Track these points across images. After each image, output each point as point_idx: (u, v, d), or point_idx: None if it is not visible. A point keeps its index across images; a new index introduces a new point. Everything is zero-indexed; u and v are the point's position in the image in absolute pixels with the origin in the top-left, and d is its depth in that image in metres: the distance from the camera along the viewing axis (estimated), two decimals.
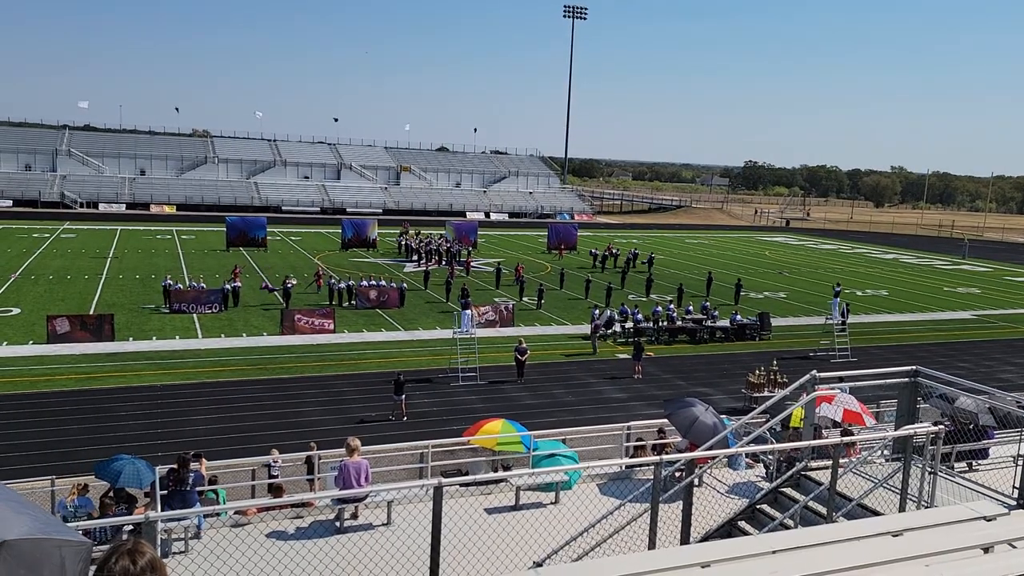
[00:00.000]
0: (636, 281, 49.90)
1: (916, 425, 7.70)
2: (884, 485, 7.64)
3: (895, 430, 8.36)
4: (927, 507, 7.35)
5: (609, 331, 35.63)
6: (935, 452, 7.53)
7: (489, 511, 10.58)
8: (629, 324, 35.59)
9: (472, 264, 54.82)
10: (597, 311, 36.55)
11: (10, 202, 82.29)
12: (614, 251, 59.94)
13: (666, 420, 14.64)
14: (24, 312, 35.36)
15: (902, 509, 7.26)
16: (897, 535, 4.88)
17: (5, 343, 30.26)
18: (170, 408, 24.00)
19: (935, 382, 8.58)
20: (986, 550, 4.62)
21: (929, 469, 7.50)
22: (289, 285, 39.59)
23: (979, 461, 10.13)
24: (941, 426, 7.64)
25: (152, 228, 71.57)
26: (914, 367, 8.66)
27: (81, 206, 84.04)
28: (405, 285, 42.64)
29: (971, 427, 9.49)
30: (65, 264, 49.07)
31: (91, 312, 34.99)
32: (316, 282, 43.62)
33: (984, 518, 5.24)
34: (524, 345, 28.77)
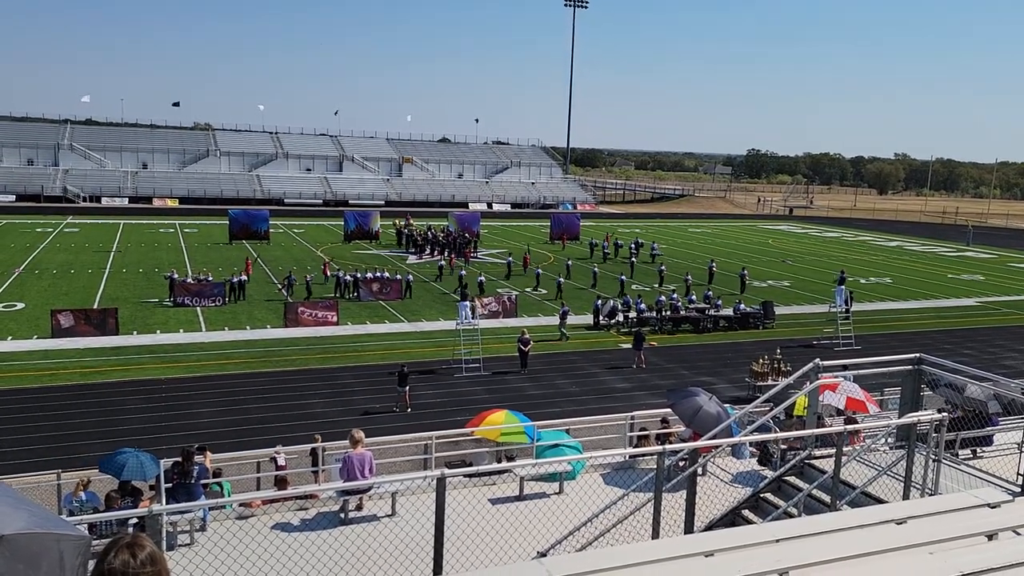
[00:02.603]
0: (641, 271, 49.86)
1: (920, 412, 7.68)
2: (888, 473, 7.63)
3: (899, 418, 8.35)
4: (931, 495, 7.34)
5: (612, 321, 35.64)
6: (939, 440, 7.51)
7: (493, 501, 10.59)
8: (633, 314, 35.58)
9: (472, 255, 54.81)
10: (600, 301, 36.64)
11: (13, 197, 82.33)
12: (617, 242, 59.80)
13: (669, 409, 14.63)
14: (28, 307, 35.45)
15: (906, 497, 7.25)
16: (901, 523, 4.87)
17: (10, 337, 30.34)
18: (174, 401, 24.07)
19: (939, 370, 8.56)
20: (990, 537, 4.61)
21: (933, 457, 7.48)
22: (308, 279, 39.97)
23: (983, 448, 10.12)
24: (944, 414, 7.62)
25: (155, 222, 71.63)
26: (917, 355, 8.63)
27: (84, 200, 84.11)
28: (411, 277, 42.65)
29: (980, 415, 9.45)
30: (69, 258, 49.16)
31: (95, 306, 35.07)
32: (323, 271, 44.02)
33: (988, 505, 5.22)
34: (527, 336, 28.79)
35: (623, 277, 44.84)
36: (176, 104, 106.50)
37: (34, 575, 2.51)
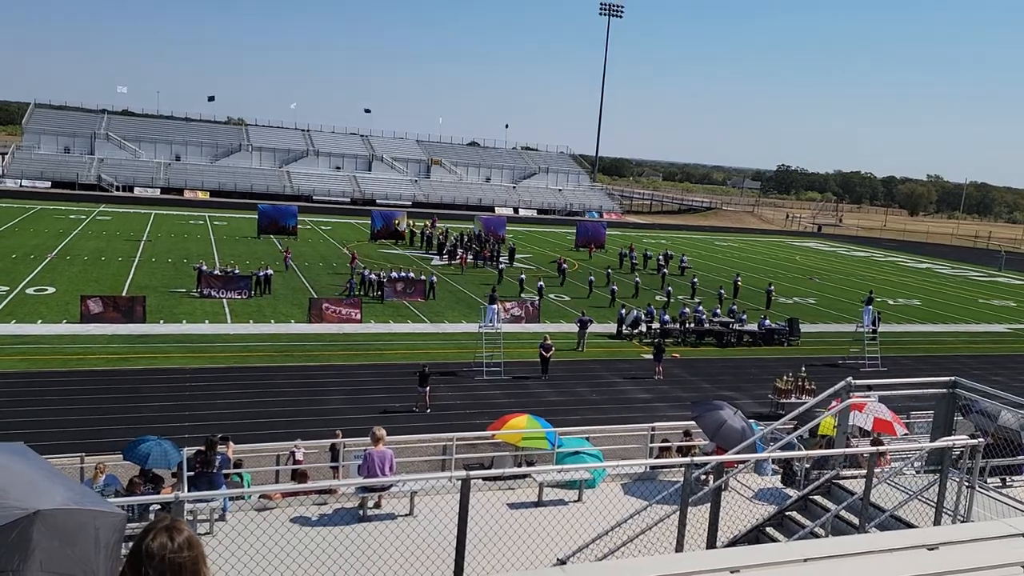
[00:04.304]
0: (671, 283, 49.54)
1: (955, 437, 7.53)
2: (919, 498, 7.49)
3: (931, 442, 8.19)
4: (963, 521, 7.19)
5: (635, 331, 35.45)
6: (973, 466, 7.36)
7: (511, 506, 10.55)
8: (656, 325, 35.37)
9: (497, 260, 54.94)
10: (624, 310, 36.48)
11: (49, 183, 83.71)
12: (647, 252, 59.57)
13: (692, 422, 14.50)
14: (59, 291, 35.98)
15: (937, 522, 7.10)
16: (933, 549, 4.75)
17: (40, 321, 30.82)
18: (198, 391, 24.29)
19: (974, 394, 8.38)
20: None
21: (966, 483, 7.32)
22: (380, 275, 40.86)
23: (1013, 477, 9.90)
24: (981, 439, 7.46)
25: (185, 213, 72.47)
26: (952, 378, 8.47)
27: (117, 189, 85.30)
28: (435, 278, 42.78)
29: (1011, 443, 9.26)
30: (100, 246, 49.85)
31: (124, 294, 35.50)
32: (352, 263, 44.93)
33: (1023, 535, 5.09)
34: (549, 341, 28.69)
35: (669, 289, 45.20)
36: (211, 98, 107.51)
37: (69, 551, 2.51)
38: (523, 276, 45.17)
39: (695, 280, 48.16)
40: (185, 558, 2.41)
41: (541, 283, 42.88)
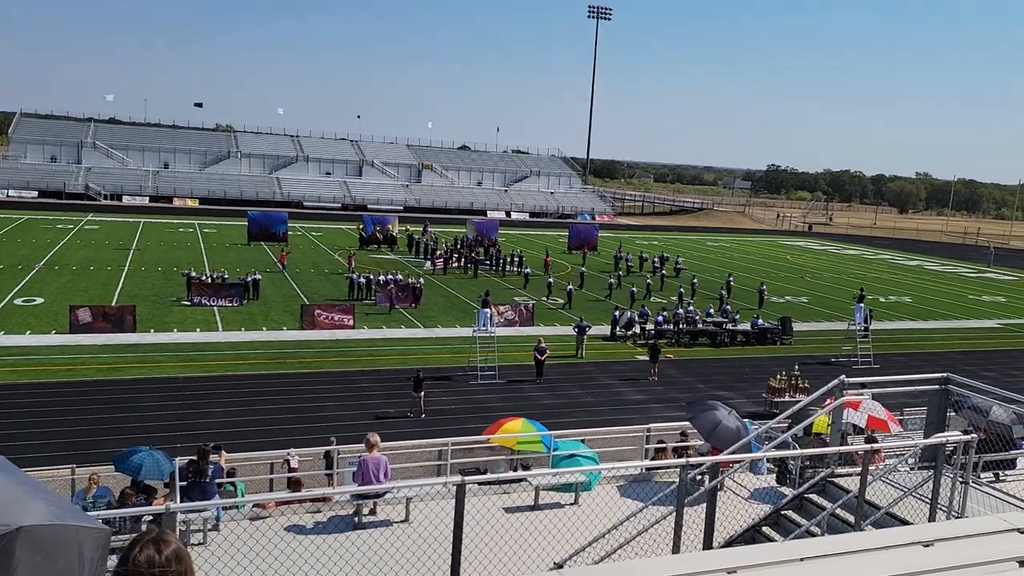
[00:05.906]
0: (669, 285, 49.62)
1: (948, 433, 7.53)
2: (914, 494, 7.48)
3: (924, 438, 8.20)
4: (957, 517, 7.19)
5: (629, 332, 35.46)
6: (966, 462, 7.36)
7: (508, 510, 10.50)
8: (650, 326, 35.40)
9: (480, 259, 55.02)
10: (618, 312, 36.49)
11: (35, 193, 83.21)
12: (642, 255, 59.70)
13: (687, 423, 14.50)
14: (47, 302, 35.74)
15: (932, 519, 7.10)
16: (928, 545, 4.73)
17: (28, 332, 30.60)
18: (189, 400, 24.14)
19: (966, 390, 8.39)
20: (1021, 563, 4.47)
21: (960, 479, 7.33)
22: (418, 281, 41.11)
23: (1006, 472, 9.92)
24: (974, 435, 7.47)
25: (174, 221, 72.16)
26: (945, 374, 8.48)
27: (105, 198, 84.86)
28: (422, 281, 42.71)
29: (1003, 438, 9.27)
30: (88, 255, 49.57)
31: (113, 303, 35.31)
32: (349, 263, 45.39)
33: (1018, 530, 5.08)
34: (544, 345, 28.66)
35: (681, 290, 45.52)
36: (199, 105, 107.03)
37: (52, 567, 2.46)
38: (551, 280, 45.25)
39: (695, 281, 48.27)
40: (172, 572, 2.36)
41: (570, 287, 43.09)
